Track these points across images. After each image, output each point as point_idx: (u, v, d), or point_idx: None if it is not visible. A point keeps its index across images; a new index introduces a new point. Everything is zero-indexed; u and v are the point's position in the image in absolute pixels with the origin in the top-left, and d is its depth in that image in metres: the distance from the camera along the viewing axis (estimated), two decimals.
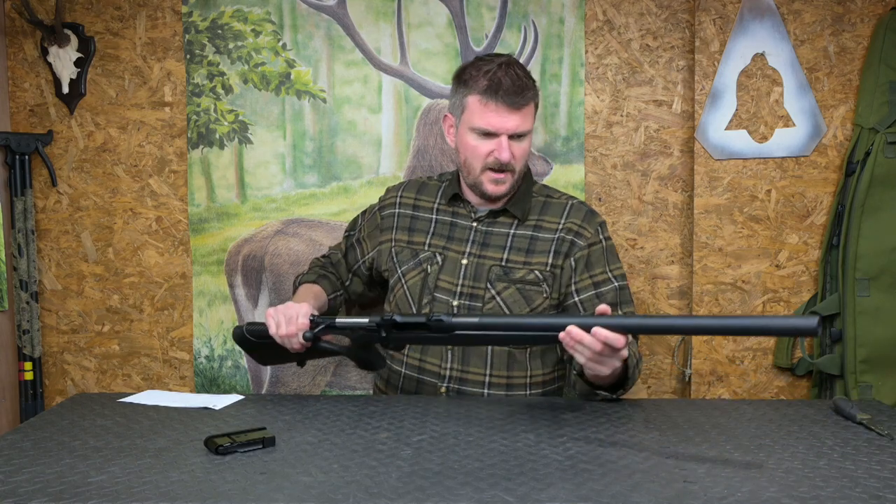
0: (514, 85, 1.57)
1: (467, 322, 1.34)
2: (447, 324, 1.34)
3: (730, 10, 1.97)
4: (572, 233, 1.67)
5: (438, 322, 1.35)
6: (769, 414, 1.41)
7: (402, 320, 1.39)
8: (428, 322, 1.35)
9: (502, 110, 1.58)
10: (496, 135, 1.59)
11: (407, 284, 1.69)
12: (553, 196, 1.74)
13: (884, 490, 1.02)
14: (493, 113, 1.58)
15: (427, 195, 1.78)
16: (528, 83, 1.60)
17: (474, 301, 1.64)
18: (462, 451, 1.20)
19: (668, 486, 1.04)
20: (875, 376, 1.91)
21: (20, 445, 1.24)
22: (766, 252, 2.01)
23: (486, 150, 1.61)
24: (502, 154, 1.59)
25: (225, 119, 2.13)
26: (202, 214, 2.15)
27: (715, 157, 2.00)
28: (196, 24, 2.11)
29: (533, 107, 1.63)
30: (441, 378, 1.65)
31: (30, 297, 2.12)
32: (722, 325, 1.24)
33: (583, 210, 1.70)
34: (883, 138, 1.88)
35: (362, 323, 1.44)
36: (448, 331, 1.34)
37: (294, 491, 1.03)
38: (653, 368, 2.13)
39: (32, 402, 2.13)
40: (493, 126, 1.59)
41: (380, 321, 1.41)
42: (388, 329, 1.41)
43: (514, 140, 1.60)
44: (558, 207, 1.71)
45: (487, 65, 1.60)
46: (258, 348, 1.61)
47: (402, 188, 1.82)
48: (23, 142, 2.11)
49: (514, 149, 1.61)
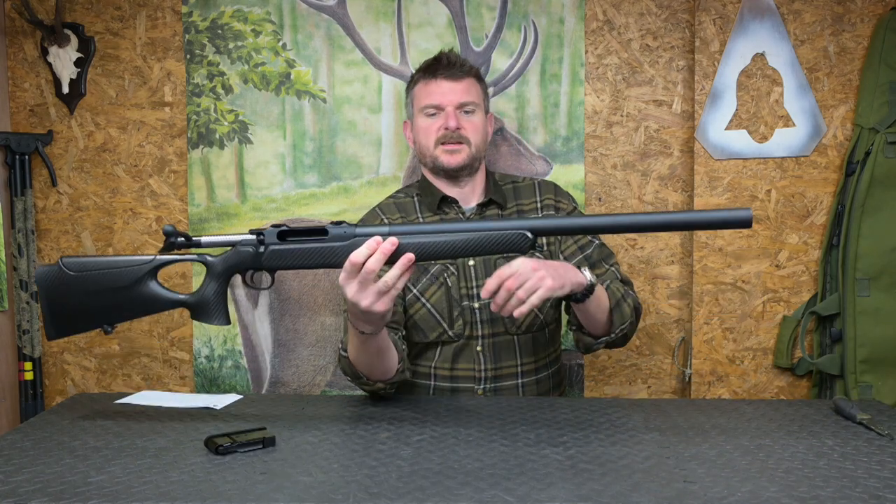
0: (450, 61, 1.68)
1: (374, 231, 1.24)
2: (348, 232, 1.23)
3: (730, 10, 1.97)
4: (551, 207, 1.72)
5: (338, 227, 1.24)
6: (769, 414, 1.41)
7: (291, 227, 1.26)
8: (325, 227, 1.24)
9: (443, 83, 1.66)
10: (442, 108, 1.66)
11: (430, 302, 1.65)
12: (517, 181, 1.78)
13: (884, 490, 1.02)
14: (435, 87, 1.66)
15: (410, 214, 1.73)
16: (464, 61, 1.70)
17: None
18: (462, 451, 1.20)
19: (668, 486, 1.04)
20: (875, 376, 1.91)
21: (20, 445, 1.24)
22: (766, 252, 2.01)
23: (437, 125, 1.66)
24: (449, 121, 1.64)
25: (225, 119, 2.13)
26: (202, 214, 2.15)
27: (715, 157, 2.00)
28: (196, 24, 2.11)
29: (475, 83, 1.69)
30: (477, 381, 1.65)
31: (30, 297, 2.12)
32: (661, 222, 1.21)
33: (551, 186, 1.76)
34: (883, 138, 1.88)
35: (235, 239, 1.27)
36: (348, 238, 1.24)
37: (294, 491, 1.03)
38: (653, 368, 2.13)
39: (32, 402, 2.13)
40: (436, 100, 1.66)
41: (260, 231, 1.26)
42: (271, 241, 1.25)
43: (462, 115, 1.66)
44: (528, 189, 1.75)
45: (427, 59, 1.73)
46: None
47: (383, 213, 1.73)
48: (23, 142, 2.11)
49: (464, 121, 1.66)
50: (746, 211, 1.14)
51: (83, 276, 1.28)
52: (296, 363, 2.16)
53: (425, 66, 1.71)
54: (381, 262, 1.22)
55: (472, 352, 1.65)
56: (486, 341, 1.65)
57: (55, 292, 1.29)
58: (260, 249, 1.26)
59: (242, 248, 1.27)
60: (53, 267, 1.28)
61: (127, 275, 1.28)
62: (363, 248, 1.21)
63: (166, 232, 1.27)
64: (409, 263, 1.22)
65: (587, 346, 1.58)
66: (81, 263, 1.29)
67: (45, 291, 1.29)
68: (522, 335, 1.67)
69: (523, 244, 1.23)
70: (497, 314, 1.59)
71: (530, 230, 1.22)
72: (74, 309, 1.29)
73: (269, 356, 2.17)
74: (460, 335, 1.65)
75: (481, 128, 1.70)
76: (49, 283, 1.29)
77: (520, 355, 1.67)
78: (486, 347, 1.65)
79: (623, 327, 1.56)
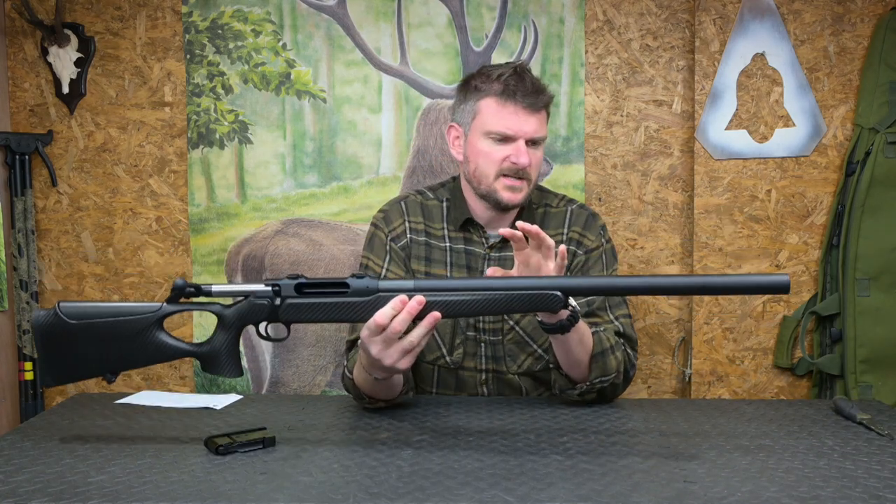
0: (532, 86, 1.51)
1: (398, 286, 1.18)
2: (371, 286, 1.17)
3: (730, 10, 1.97)
4: (574, 242, 1.61)
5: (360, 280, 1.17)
6: (769, 414, 1.41)
7: (310, 280, 1.20)
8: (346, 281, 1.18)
9: (521, 112, 1.50)
10: (513, 139, 1.50)
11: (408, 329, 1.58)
12: (551, 204, 1.66)
13: (884, 490, 1.02)
14: (511, 114, 1.50)
15: (436, 221, 1.64)
16: (543, 87, 1.54)
17: (495, 336, 1.60)
18: (462, 451, 1.20)
19: (668, 486, 1.04)
20: (875, 376, 1.91)
21: (20, 445, 1.24)
22: (766, 252, 2.01)
23: (502, 155, 1.51)
24: (521, 158, 1.49)
25: (225, 119, 2.13)
26: (202, 214, 2.15)
27: (715, 157, 2.00)
28: (196, 24, 2.11)
29: (546, 114, 1.56)
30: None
31: (30, 297, 2.12)
32: (697, 284, 1.17)
33: (583, 215, 1.63)
34: (883, 138, 1.88)
35: (249, 289, 1.20)
36: (371, 293, 1.18)
37: (294, 491, 1.03)
38: (653, 368, 2.13)
39: (32, 402, 2.13)
40: (511, 129, 1.50)
41: (275, 282, 1.19)
42: (288, 294, 1.19)
43: (529, 146, 1.52)
44: (559, 217, 1.63)
45: (500, 69, 1.54)
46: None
47: (406, 213, 1.64)
48: (23, 142, 2.11)
49: (531, 156, 1.51)
50: (783, 277, 1.10)
51: (83, 325, 1.19)
52: (296, 363, 2.16)
53: (503, 82, 1.51)
54: (407, 322, 1.16)
55: (477, 385, 1.62)
56: (489, 375, 1.61)
57: (52, 340, 1.19)
58: (276, 302, 1.20)
59: (257, 300, 1.21)
60: (50, 312, 1.19)
61: (131, 325, 1.20)
62: (388, 308, 1.16)
63: (176, 286, 1.19)
64: (435, 322, 1.17)
65: (562, 388, 1.48)
66: (81, 310, 1.19)
67: (41, 339, 1.19)
68: (522, 375, 1.61)
69: (554, 304, 1.17)
70: (500, 353, 1.59)
71: (561, 289, 1.16)
72: (73, 358, 1.20)
73: (269, 356, 2.17)
74: (458, 363, 1.60)
75: (541, 162, 1.57)
76: (45, 330, 1.19)
77: (525, 392, 1.62)
78: (490, 381, 1.62)
79: (604, 380, 1.43)
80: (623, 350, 1.49)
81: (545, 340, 1.58)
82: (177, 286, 1.19)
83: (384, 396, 1.42)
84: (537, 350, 1.59)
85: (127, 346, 1.20)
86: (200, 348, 1.22)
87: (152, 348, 1.20)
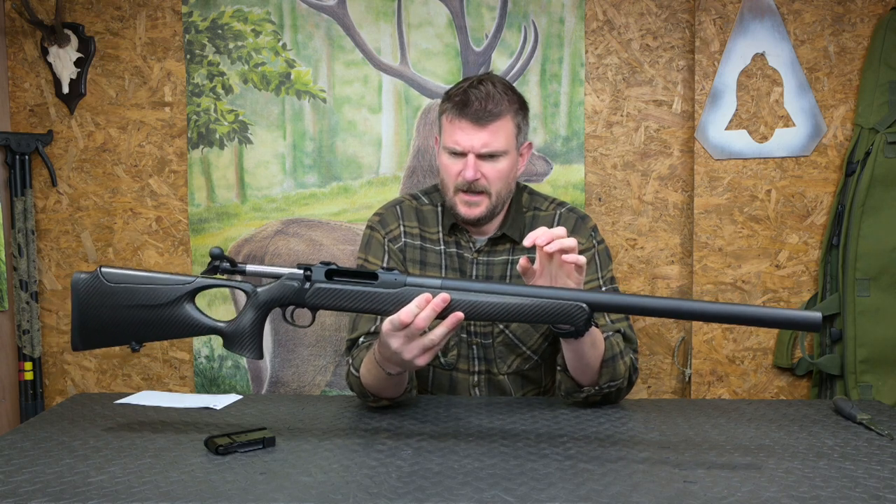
0: (480, 102, 1.50)
1: (426, 282, 1.20)
2: (399, 279, 1.19)
3: (730, 10, 1.97)
4: None
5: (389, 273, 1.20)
6: (769, 414, 1.41)
7: (341, 267, 1.22)
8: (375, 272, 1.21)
9: (467, 127, 1.51)
10: (463, 154, 1.52)
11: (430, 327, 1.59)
12: (541, 207, 1.66)
13: (884, 490, 1.02)
14: (459, 130, 1.52)
15: (431, 225, 1.66)
16: (499, 99, 1.51)
17: (486, 339, 1.61)
18: (462, 451, 1.20)
19: (668, 486, 1.04)
20: (875, 376, 1.91)
21: (20, 445, 1.24)
22: (766, 252, 2.01)
23: (456, 170, 1.54)
24: (466, 172, 1.51)
25: (225, 119, 2.13)
26: (202, 214, 2.15)
27: (715, 157, 2.00)
28: (196, 24, 2.11)
29: (507, 124, 1.53)
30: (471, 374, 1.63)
31: (30, 297, 2.12)
32: (727, 313, 1.14)
33: (572, 218, 1.64)
34: (883, 138, 1.88)
35: (282, 271, 1.24)
36: (398, 286, 1.20)
37: (294, 491, 1.03)
38: (653, 368, 2.13)
39: (32, 402, 2.13)
40: (459, 144, 1.52)
41: (308, 266, 1.23)
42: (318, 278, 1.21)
43: (485, 160, 1.52)
44: (547, 220, 1.64)
45: (459, 84, 1.56)
46: None
47: (402, 217, 1.67)
48: (23, 142, 2.11)
49: (486, 169, 1.52)
50: (816, 314, 1.08)
51: (120, 289, 1.24)
52: (296, 363, 2.16)
53: (457, 98, 1.53)
54: (431, 319, 1.17)
55: (470, 387, 1.63)
56: (482, 377, 1.64)
57: (89, 301, 1.24)
58: (305, 286, 1.22)
59: (288, 281, 1.23)
60: (92, 275, 1.24)
61: (165, 293, 1.24)
62: (412, 305, 1.17)
63: (213, 254, 1.22)
64: (458, 322, 1.18)
65: (568, 391, 1.47)
66: (120, 275, 1.25)
67: (78, 299, 1.24)
68: (512, 375, 1.63)
69: (579, 317, 1.17)
70: (491, 356, 1.61)
71: (587, 303, 1.17)
72: (105, 321, 1.24)
73: (269, 356, 2.17)
74: (452, 365, 1.62)
75: (506, 173, 1.55)
76: (84, 290, 1.24)
77: (513, 392, 1.64)
78: (482, 382, 1.64)
79: (612, 384, 1.44)
80: (629, 355, 1.49)
81: (534, 342, 1.61)
82: (213, 254, 1.23)
83: (390, 394, 1.42)
84: (526, 351, 1.62)
85: (158, 314, 1.24)
86: (227, 326, 1.26)
87: (181, 320, 1.25)
